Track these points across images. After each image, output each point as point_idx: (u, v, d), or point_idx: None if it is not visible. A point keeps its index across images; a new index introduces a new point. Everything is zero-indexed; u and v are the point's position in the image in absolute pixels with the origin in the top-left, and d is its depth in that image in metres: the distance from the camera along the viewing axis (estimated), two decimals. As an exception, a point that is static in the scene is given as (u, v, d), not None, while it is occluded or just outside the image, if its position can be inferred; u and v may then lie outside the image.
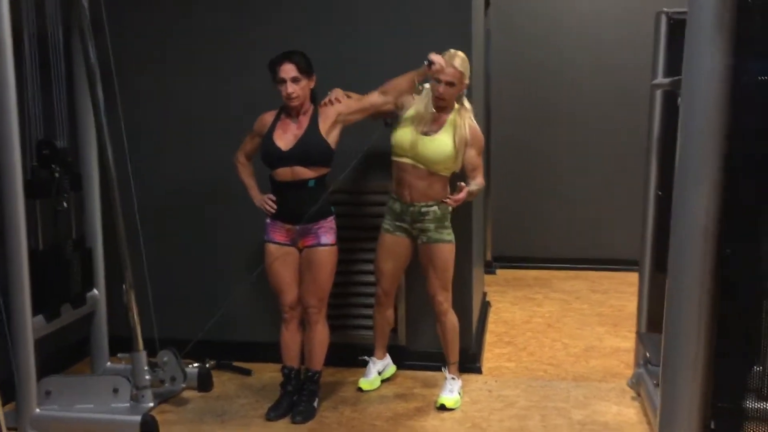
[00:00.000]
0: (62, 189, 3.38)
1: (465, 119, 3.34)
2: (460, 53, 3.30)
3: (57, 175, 3.35)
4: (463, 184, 3.18)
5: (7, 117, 3.00)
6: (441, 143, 3.30)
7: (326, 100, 3.30)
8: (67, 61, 3.51)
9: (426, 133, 3.32)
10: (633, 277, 4.47)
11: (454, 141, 3.30)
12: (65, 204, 3.40)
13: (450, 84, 3.26)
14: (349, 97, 3.34)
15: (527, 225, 6.21)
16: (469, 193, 3.21)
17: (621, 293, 5.41)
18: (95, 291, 3.69)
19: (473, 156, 3.36)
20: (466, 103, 3.40)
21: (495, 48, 5.92)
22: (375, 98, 3.27)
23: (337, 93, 3.34)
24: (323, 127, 3.21)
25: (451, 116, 3.34)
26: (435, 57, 3.17)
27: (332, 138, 3.23)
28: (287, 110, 3.25)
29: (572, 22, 5.98)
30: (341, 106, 3.27)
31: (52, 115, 3.41)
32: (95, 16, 3.37)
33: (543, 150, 6.13)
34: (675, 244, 1.66)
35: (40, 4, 3.30)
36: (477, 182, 3.34)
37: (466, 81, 3.32)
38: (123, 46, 3.71)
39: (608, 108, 5.94)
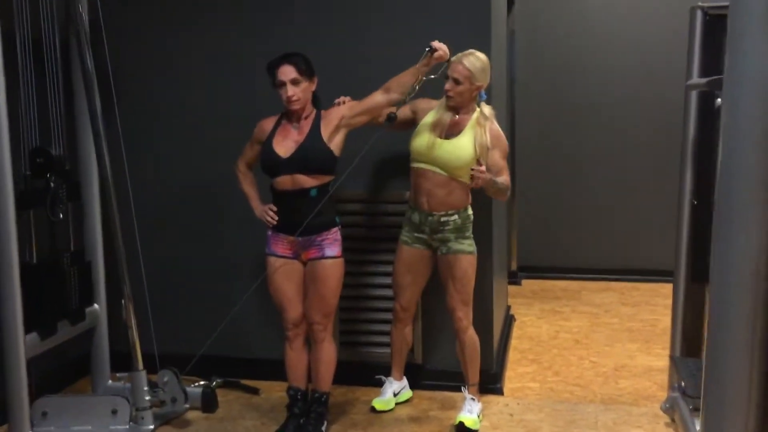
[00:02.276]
0: (58, 199, 3.24)
1: (485, 125, 3.17)
2: (478, 54, 3.16)
3: (52, 184, 3.21)
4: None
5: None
6: (460, 146, 3.14)
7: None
8: (64, 66, 3.38)
9: (445, 137, 3.16)
10: (665, 288, 4.19)
11: (474, 146, 3.13)
12: (61, 215, 3.26)
13: (456, 81, 3.11)
14: None
15: (555, 233, 5.95)
16: (493, 182, 3.05)
17: (653, 306, 5.12)
18: (95, 306, 3.54)
19: (497, 158, 3.17)
20: (486, 109, 3.23)
21: (520, 48, 5.69)
22: (378, 97, 3.09)
23: (344, 98, 3.19)
24: (325, 132, 3.04)
25: (470, 122, 3.18)
26: (436, 44, 3.01)
27: (335, 143, 3.05)
28: (288, 115, 3.09)
29: (601, 19, 5.71)
30: (344, 109, 3.10)
31: (48, 122, 3.28)
32: (93, 21, 3.26)
33: (571, 155, 5.86)
34: (718, 282, 1.38)
35: (35, 8, 3.18)
36: (502, 179, 3.15)
37: (479, 83, 3.14)
38: (121, 51, 3.61)
39: (640, 110, 5.66)
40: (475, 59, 3.12)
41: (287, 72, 2.96)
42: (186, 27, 3.79)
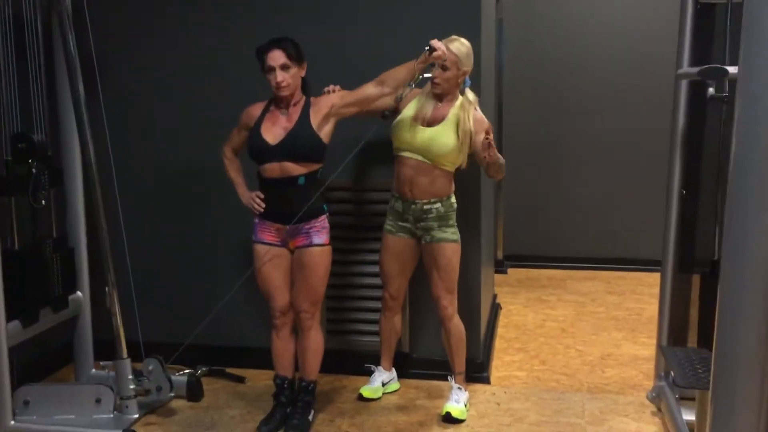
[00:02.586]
0: (40, 185, 3.18)
1: (468, 112, 3.16)
2: (462, 40, 3.14)
3: (34, 170, 3.15)
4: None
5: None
6: (443, 134, 3.13)
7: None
8: (46, 49, 3.30)
9: (428, 125, 3.15)
10: (651, 277, 4.19)
11: (457, 134, 3.12)
12: (43, 201, 3.20)
13: (443, 67, 3.09)
14: None
15: (541, 222, 5.95)
16: (497, 156, 3.03)
17: (639, 295, 5.13)
18: (78, 293, 3.48)
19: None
20: (470, 95, 3.22)
21: (508, 37, 5.66)
22: (371, 89, 3.03)
23: (333, 86, 3.16)
24: (315, 119, 2.99)
25: (454, 109, 3.16)
26: (436, 43, 2.94)
27: (325, 132, 3.01)
28: (277, 101, 3.03)
29: (589, 6, 5.69)
30: (335, 97, 3.05)
31: (30, 107, 3.21)
32: (76, 3, 3.18)
33: (559, 144, 5.86)
34: (730, 271, 1.33)
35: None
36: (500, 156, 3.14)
37: (464, 68, 3.13)
38: (105, 34, 3.53)
39: (629, 100, 5.65)
40: (460, 44, 3.11)
41: (276, 57, 2.90)
42: (173, 10, 3.72)
